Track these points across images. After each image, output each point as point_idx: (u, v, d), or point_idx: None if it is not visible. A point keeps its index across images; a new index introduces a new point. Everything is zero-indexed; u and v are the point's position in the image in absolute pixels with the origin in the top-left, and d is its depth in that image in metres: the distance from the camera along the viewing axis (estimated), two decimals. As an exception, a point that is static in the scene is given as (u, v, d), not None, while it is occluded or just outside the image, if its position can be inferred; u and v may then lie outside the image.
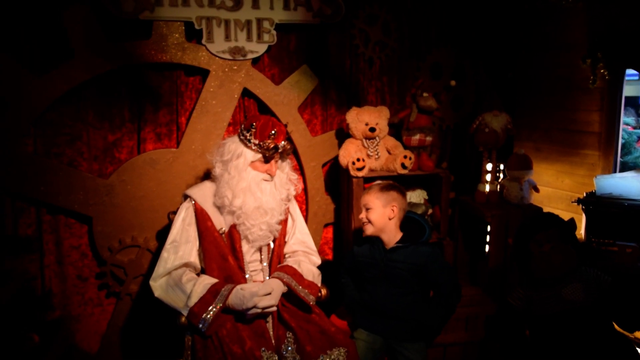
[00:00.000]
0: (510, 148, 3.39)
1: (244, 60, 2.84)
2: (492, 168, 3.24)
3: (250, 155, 2.25)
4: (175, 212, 2.38)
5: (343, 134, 3.13)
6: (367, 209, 2.38)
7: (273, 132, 2.23)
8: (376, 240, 2.42)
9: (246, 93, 2.93)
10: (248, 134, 2.25)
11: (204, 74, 2.83)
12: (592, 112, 3.07)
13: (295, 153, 3.06)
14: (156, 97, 2.81)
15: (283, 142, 2.29)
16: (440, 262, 2.35)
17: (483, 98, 3.42)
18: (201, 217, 2.28)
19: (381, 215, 2.35)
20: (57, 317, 2.74)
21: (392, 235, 2.38)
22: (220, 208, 2.29)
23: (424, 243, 2.37)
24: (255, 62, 2.91)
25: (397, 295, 2.35)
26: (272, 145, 2.23)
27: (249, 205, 2.23)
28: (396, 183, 2.43)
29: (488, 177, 3.25)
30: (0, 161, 2.48)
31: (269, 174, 2.29)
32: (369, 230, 2.39)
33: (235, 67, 2.84)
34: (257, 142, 2.24)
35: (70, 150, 2.68)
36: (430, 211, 3.12)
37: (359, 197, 2.73)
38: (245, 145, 2.26)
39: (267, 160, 2.27)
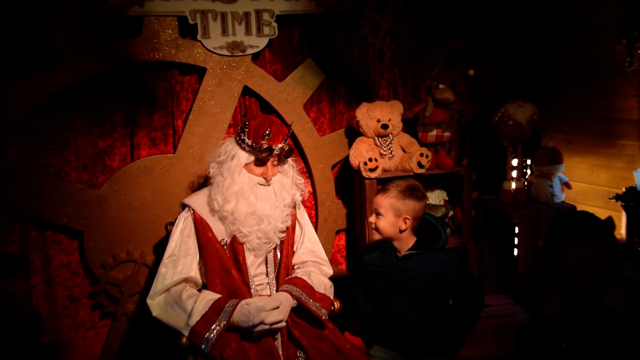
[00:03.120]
0: (538, 141, 3.32)
1: (243, 56, 2.83)
2: (518, 164, 3.22)
3: (244, 157, 2.26)
4: (173, 223, 2.37)
5: (353, 132, 3.12)
6: (378, 214, 2.32)
7: (267, 132, 2.20)
8: (388, 246, 2.36)
9: (247, 91, 2.93)
10: (242, 134, 2.26)
11: (200, 72, 2.82)
12: (630, 98, 2.99)
13: (302, 155, 3.07)
14: (150, 99, 2.79)
15: (280, 145, 2.26)
16: (458, 268, 2.30)
17: (505, 87, 3.40)
18: (201, 227, 2.27)
19: (391, 225, 2.29)
20: (46, 342, 2.71)
21: (404, 242, 2.33)
22: (221, 218, 2.28)
23: (440, 249, 2.32)
24: (255, 57, 2.90)
25: (413, 306, 2.30)
26: (264, 147, 2.21)
27: (241, 210, 2.23)
28: (417, 184, 2.36)
29: (514, 174, 3.23)
30: (-20, 173, 2.48)
31: (264, 178, 2.28)
32: (375, 237, 2.34)
33: (234, 64, 2.83)
34: (250, 142, 2.23)
35: (57, 159, 2.66)
36: (451, 213, 3.10)
37: (372, 200, 2.66)
38: (240, 146, 2.27)
39: (260, 162, 2.26)
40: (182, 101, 2.86)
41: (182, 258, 2.24)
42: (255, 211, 2.24)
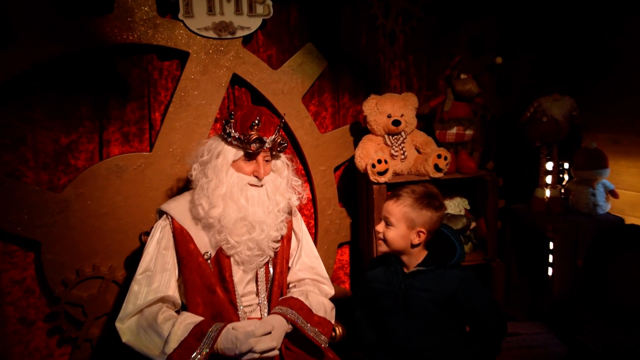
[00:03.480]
0: (578, 141, 3.35)
1: (233, 39, 2.84)
2: (554, 168, 3.22)
3: (232, 153, 2.27)
4: (148, 233, 2.38)
5: (360, 129, 3.14)
6: (388, 224, 2.31)
7: (256, 121, 2.22)
8: (394, 260, 2.35)
9: (236, 80, 2.94)
10: (228, 127, 2.27)
11: (182, 57, 2.83)
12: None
13: (300, 155, 3.09)
14: (122, 88, 2.79)
15: (272, 137, 2.28)
16: (474, 288, 2.28)
17: (539, 78, 3.39)
18: (181, 238, 2.27)
19: (402, 237, 2.28)
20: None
21: (414, 257, 2.32)
22: (206, 226, 2.28)
23: (455, 266, 2.30)
24: (246, 41, 2.92)
25: (422, 332, 2.29)
26: (254, 137, 2.21)
27: (230, 216, 2.23)
28: (436, 191, 2.35)
29: (548, 179, 3.22)
30: None
31: (256, 177, 2.29)
32: (382, 248, 2.34)
33: (222, 48, 2.83)
34: (237, 135, 2.25)
35: (11, 156, 2.64)
36: (473, 225, 3.09)
37: (381, 208, 2.68)
38: (225, 141, 2.28)
39: (250, 157, 2.27)
40: (160, 91, 2.86)
41: (158, 274, 2.23)
42: (245, 216, 2.24)
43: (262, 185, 2.30)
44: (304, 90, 3.02)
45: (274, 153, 2.33)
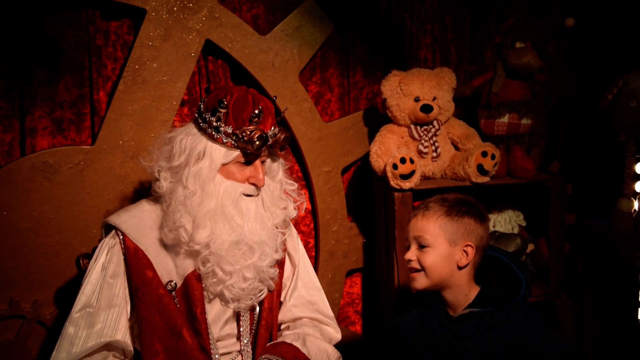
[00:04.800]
0: None
1: None
2: None
3: (221, 154, 2.24)
4: (89, 256, 2.39)
5: (377, 117, 3.19)
6: (421, 245, 2.29)
7: (257, 111, 2.22)
8: (434, 300, 2.35)
9: (211, 49, 2.97)
10: (214, 118, 2.24)
11: (136, 15, 2.84)
12: None
13: (296, 151, 3.09)
14: (53, 57, 2.80)
15: (274, 128, 2.28)
16: (549, 338, 2.25)
17: (626, 47, 3.34)
18: (136, 262, 2.27)
19: (445, 258, 2.27)
20: None
21: (461, 293, 2.31)
22: (172, 246, 2.29)
23: (519, 305, 2.30)
24: None
25: None
26: (257, 135, 2.19)
27: (222, 239, 2.22)
28: (473, 200, 2.35)
29: (638, 186, 3.18)
30: None
31: (253, 184, 2.29)
32: (421, 282, 2.29)
33: (191, 5, 2.86)
34: (230, 130, 2.23)
35: None
36: (530, 248, 3.12)
37: (404, 224, 2.66)
38: (211, 137, 2.25)
39: (249, 160, 2.26)
40: (106, 62, 2.88)
41: (102, 311, 2.23)
42: (242, 238, 2.24)
43: (258, 194, 2.32)
44: (301, 63, 3.06)
45: (274, 151, 2.33)
